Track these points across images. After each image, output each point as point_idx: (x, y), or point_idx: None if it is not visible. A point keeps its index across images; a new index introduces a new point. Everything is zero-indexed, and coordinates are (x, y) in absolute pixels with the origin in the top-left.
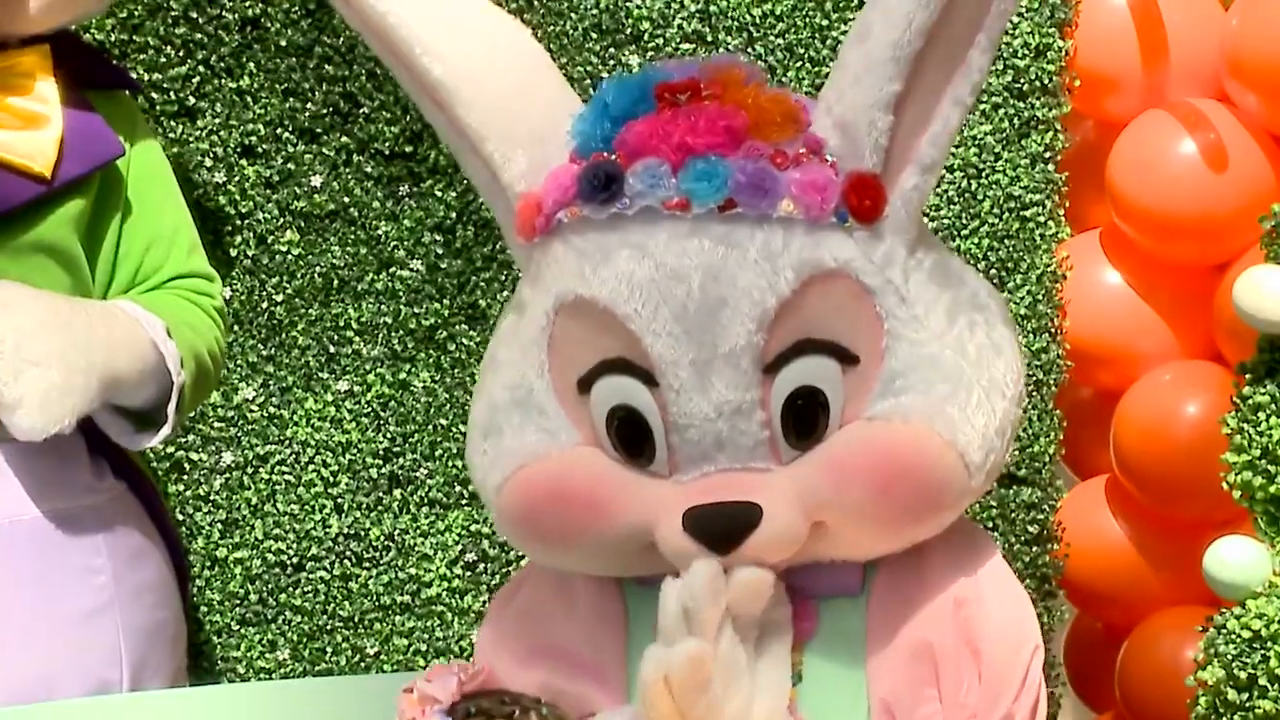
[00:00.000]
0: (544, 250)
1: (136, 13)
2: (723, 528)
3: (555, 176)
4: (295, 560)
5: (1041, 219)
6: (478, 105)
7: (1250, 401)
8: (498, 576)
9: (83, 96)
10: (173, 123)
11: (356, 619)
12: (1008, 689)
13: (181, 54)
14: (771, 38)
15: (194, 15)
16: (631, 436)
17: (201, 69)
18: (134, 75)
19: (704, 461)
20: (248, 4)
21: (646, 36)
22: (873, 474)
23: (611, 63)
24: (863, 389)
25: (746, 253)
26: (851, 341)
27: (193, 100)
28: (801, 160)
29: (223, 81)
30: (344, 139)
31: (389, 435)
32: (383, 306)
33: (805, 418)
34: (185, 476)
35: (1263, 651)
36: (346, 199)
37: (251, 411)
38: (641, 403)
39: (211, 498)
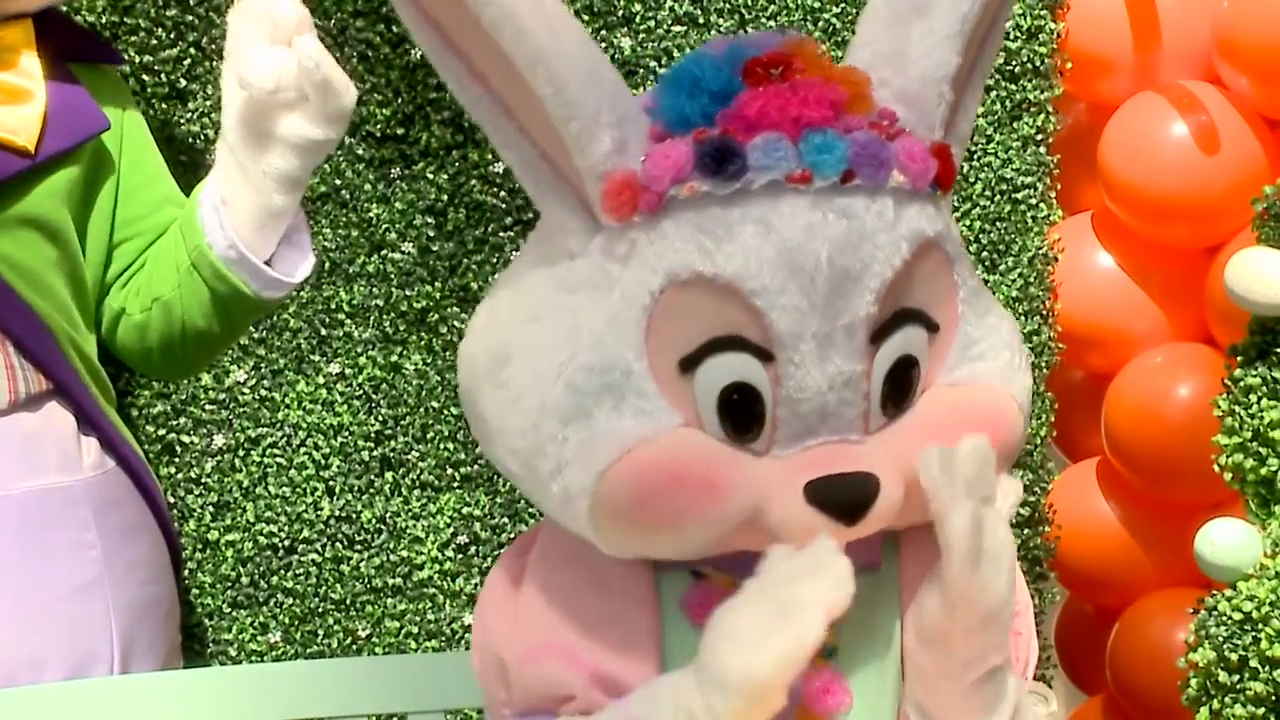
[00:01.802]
0: (647, 228)
1: None
2: (851, 497)
3: (663, 153)
4: (287, 543)
5: (1033, 201)
6: (569, 85)
7: (1242, 384)
8: (489, 559)
9: (67, 70)
10: (164, 105)
11: (348, 602)
12: (1032, 640)
13: (173, 36)
14: (763, 20)
15: None
16: (742, 414)
17: (193, 51)
18: (124, 57)
19: (807, 436)
20: None
21: (638, 19)
22: (969, 435)
23: (603, 45)
24: (939, 357)
25: (865, 224)
26: (935, 310)
27: (184, 82)
28: (895, 132)
29: (214, 64)
30: None
31: (380, 418)
32: (374, 289)
33: (901, 387)
34: (176, 459)
35: (1254, 633)
36: (338, 181)
37: (243, 394)
38: (758, 379)
39: (203, 480)
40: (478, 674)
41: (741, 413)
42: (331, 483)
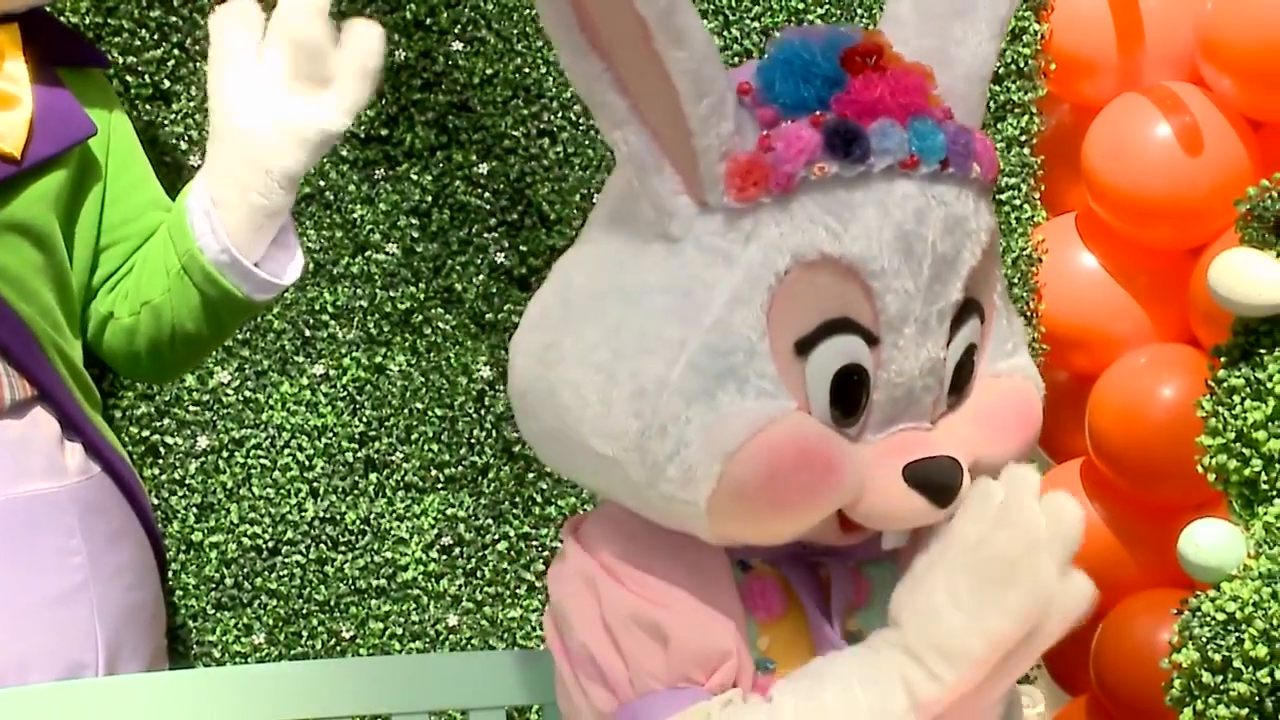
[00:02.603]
0: (773, 209)
1: None
2: (946, 480)
3: (794, 134)
4: (271, 544)
5: (1017, 202)
6: (707, 63)
7: (1225, 385)
8: (473, 560)
9: (54, 75)
10: (148, 106)
11: (332, 603)
12: None
13: (156, 37)
14: (747, 21)
15: None
16: (852, 398)
17: (177, 52)
18: (109, 58)
19: (893, 421)
20: None
21: None
22: (1020, 427)
23: None
24: (983, 349)
25: (958, 211)
26: (984, 302)
27: (168, 84)
28: (967, 127)
29: (198, 65)
30: None
31: (365, 419)
32: (358, 290)
33: (965, 374)
34: (160, 460)
35: (1237, 634)
36: (322, 183)
37: (227, 395)
38: (867, 362)
39: (187, 482)
40: (608, 649)
41: (851, 396)
42: (315, 484)
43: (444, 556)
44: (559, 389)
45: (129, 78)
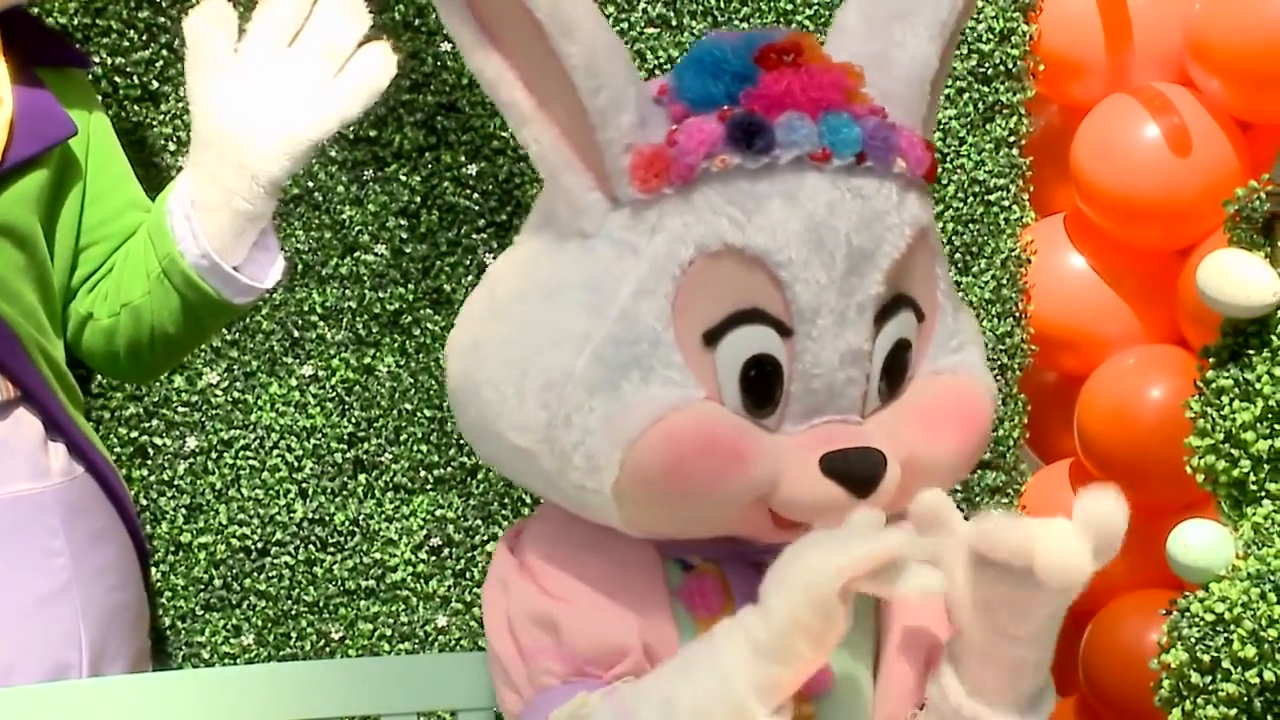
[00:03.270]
0: (677, 200)
1: None
2: (864, 470)
3: (695, 127)
4: (260, 545)
5: (1006, 203)
6: (599, 56)
7: (1214, 385)
8: (462, 561)
9: (33, 75)
10: (136, 106)
11: (321, 604)
12: None
13: (145, 38)
14: (737, 22)
15: None
16: (763, 388)
17: (165, 53)
18: (96, 59)
19: (814, 414)
20: None
21: (611, 21)
22: (959, 424)
23: None
24: (924, 347)
25: (876, 205)
26: (922, 299)
27: (156, 84)
28: (892, 122)
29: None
30: None
31: (353, 420)
32: (347, 291)
33: (896, 370)
34: (149, 461)
35: (1226, 634)
36: (310, 183)
37: (215, 396)
38: (778, 352)
39: (175, 482)
40: (509, 645)
41: (761, 386)
42: (304, 485)
43: (433, 557)
44: (481, 386)
45: (117, 78)
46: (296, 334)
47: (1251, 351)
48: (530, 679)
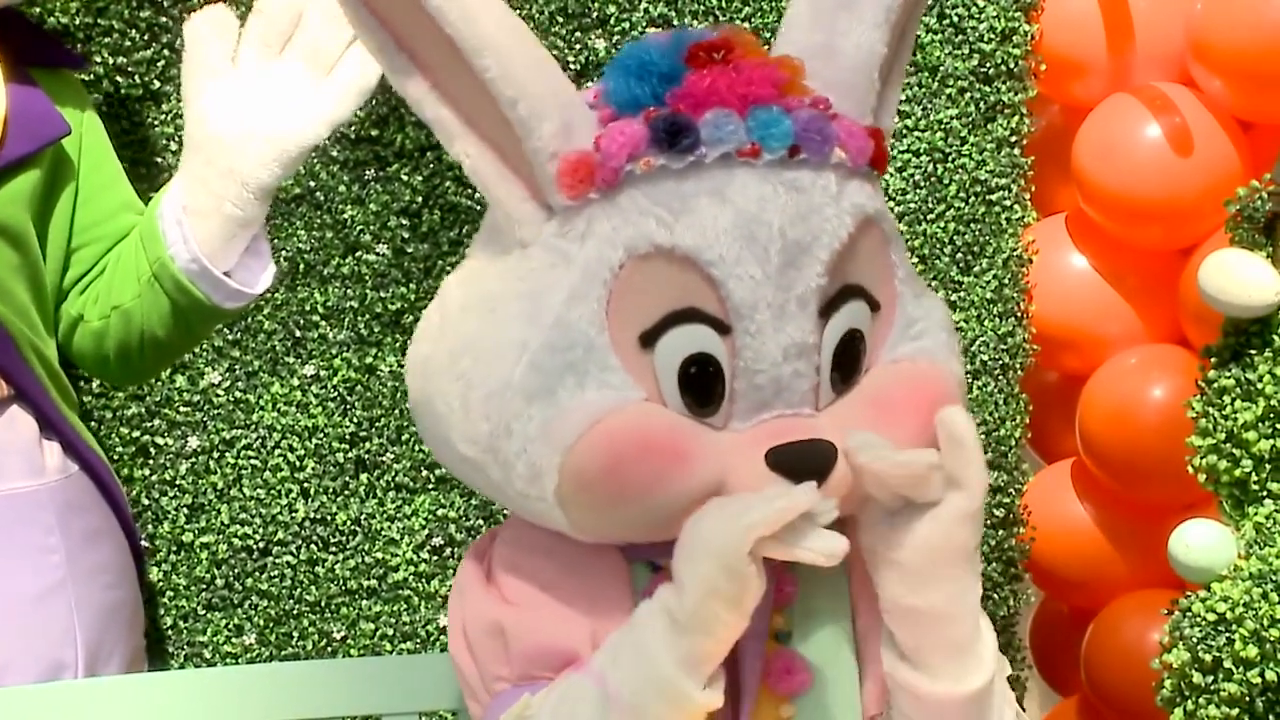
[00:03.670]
0: (604, 204)
1: None
2: (811, 463)
3: (618, 130)
4: (261, 545)
5: (1007, 203)
6: (514, 66)
7: (1215, 385)
8: None
9: (26, 74)
10: (137, 106)
11: (323, 604)
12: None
13: (146, 38)
14: (737, 22)
15: None
16: (703, 386)
17: (166, 53)
18: (98, 59)
19: (762, 409)
20: None
21: (612, 20)
22: (916, 412)
23: (578, 47)
24: (881, 336)
25: (813, 198)
26: (876, 289)
27: (157, 84)
28: (832, 114)
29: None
30: None
31: (355, 420)
32: (349, 291)
33: (848, 362)
34: (151, 461)
35: (1227, 634)
36: (312, 183)
37: (217, 396)
38: (716, 350)
39: (177, 482)
40: (464, 654)
41: (701, 385)
42: (306, 485)
43: (435, 557)
44: (434, 399)
45: (119, 78)
46: (298, 333)
47: (1253, 351)
48: (485, 686)
